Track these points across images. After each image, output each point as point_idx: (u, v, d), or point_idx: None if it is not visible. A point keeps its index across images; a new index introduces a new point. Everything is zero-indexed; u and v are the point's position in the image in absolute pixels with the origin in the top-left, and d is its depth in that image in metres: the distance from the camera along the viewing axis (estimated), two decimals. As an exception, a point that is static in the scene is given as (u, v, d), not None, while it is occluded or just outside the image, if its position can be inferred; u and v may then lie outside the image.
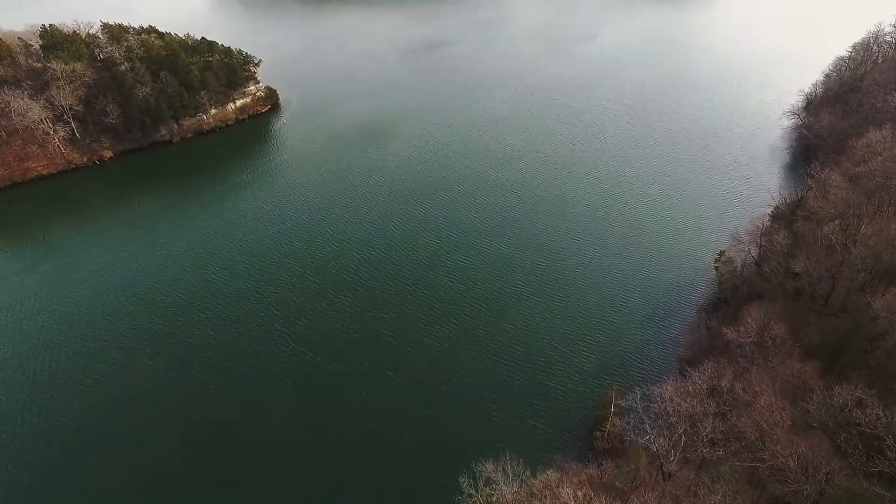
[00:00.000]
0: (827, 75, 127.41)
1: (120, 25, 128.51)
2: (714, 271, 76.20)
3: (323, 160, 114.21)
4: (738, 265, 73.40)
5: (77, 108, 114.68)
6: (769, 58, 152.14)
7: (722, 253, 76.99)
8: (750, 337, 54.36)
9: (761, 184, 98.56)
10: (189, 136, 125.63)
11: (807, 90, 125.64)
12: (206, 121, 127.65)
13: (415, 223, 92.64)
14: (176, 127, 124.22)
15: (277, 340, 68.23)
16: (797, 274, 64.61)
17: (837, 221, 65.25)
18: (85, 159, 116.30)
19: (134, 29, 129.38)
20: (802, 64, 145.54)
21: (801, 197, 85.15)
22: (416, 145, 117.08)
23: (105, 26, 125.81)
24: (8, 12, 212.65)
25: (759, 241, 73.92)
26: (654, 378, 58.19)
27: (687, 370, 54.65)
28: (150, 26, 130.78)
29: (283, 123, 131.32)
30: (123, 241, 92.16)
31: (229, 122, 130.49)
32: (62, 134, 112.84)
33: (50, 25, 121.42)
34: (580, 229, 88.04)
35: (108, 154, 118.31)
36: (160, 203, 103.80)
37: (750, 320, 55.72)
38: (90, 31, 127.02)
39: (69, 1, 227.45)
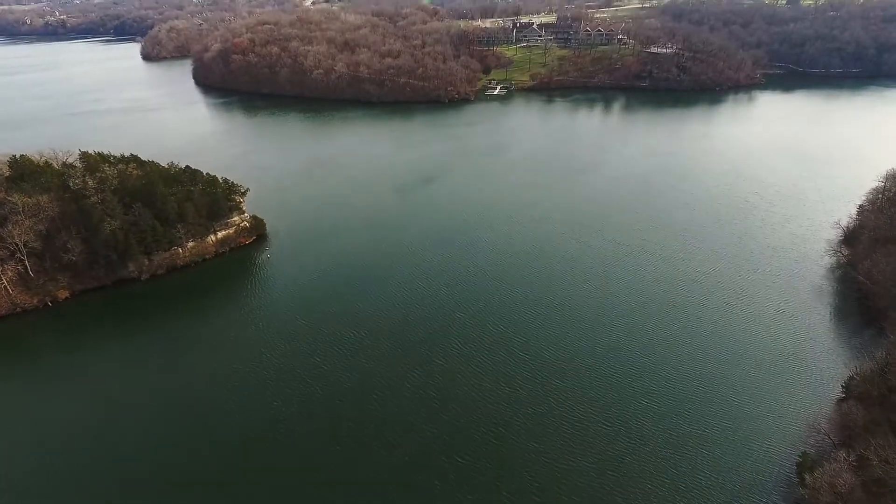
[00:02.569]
0: (861, 206, 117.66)
1: (100, 154, 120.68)
2: (800, 490, 57.82)
3: (307, 304, 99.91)
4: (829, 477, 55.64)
5: (34, 245, 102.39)
6: (790, 187, 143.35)
7: (805, 456, 59.46)
8: None
9: (820, 344, 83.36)
10: (160, 272, 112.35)
11: (842, 223, 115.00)
12: (181, 255, 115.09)
13: (408, 387, 76.02)
14: (146, 262, 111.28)
15: None
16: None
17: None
18: (36, 301, 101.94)
19: (114, 158, 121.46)
20: (827, 194, 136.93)
21: (885, 367, 69.27)
22: (410, 289, 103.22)
23: (83, 155, 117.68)
24: (6, 133, 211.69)
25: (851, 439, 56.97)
26: None
27: None
28: (131, 155, 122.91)
29: (268, 258, 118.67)
30: (54, 400, 74.93)
31: (207, 256, 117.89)
32: (10, 275, 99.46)
33: (21, 156, 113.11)
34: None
35: (63, 294, 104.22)
36: (104, 359, 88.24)
37: None
38: (67, 161, 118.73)
39: (74, 126, 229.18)
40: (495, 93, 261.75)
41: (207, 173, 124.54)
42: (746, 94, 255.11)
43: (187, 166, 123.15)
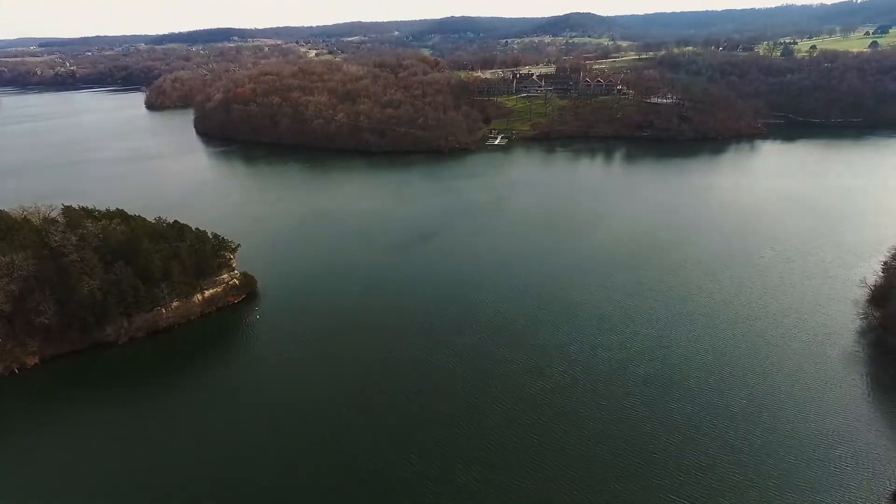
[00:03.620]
0: (886, 263, 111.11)
1: (84, 209, 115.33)
2: None
3: (297, 369, 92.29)
4: None
5: (3, 307, 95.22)
6: (805, 241, 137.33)
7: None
8: None
9: (864, 424, 74.88)
10: (140, 334, 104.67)
11: (868, 281, 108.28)
12: (164, 316, 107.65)
13: (405, 465, 67.08)
14: (126, 324, 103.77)
15: None
16: None
17: None
18: (1, 368, 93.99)
19: (99, 213, 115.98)
20: (846, 249, 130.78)
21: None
22: (407, 354, 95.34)
23: (66, 210, 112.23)
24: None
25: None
26: None
27: None
28: (117, 210, 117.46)
29: (257, 318, 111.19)
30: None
31: (193, 317, 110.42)
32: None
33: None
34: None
35: (32, 360, 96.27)
36: (73, 429, 79.85)
37: None
38: (49, 216, 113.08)
39: (69, 176, 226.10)
40: (496, 142, 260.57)
41: (197, 228, 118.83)
42: (748, 144, 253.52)
43: (175, 221, 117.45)
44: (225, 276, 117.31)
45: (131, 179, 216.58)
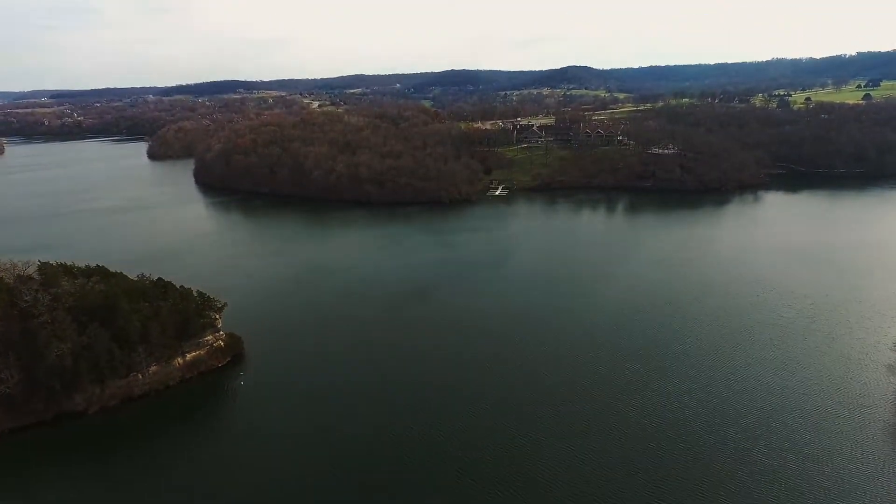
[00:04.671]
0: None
1: (62, 265, 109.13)
2: None
3: (283, 444, 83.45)
4: None
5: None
6: (825, 298, 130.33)
7: None
8: None
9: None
10: (112, 402, 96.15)
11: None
12: (140, 382, 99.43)
13: None
14: (98, 392, 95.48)
15: None
16: None
17: None
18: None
19: (78, 269, 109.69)
20: (870, 307, 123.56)
21: None
22: (402, 425, 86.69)
23: (42, 267, 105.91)
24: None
25: None
26: None
27: None
28: (97, 266, 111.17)
29: (241, 384, 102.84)
30: None
31: (171, 383, 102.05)
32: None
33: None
34: None
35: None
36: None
37: None
38: (24, 273, 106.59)
39: (61, 227, 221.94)
40: (497, 193, 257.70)
41: (182, 286, 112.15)
42: (752, 195, 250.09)
43: (159, 279, 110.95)
44: (209, 337, 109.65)
45: (124, 231, 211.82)
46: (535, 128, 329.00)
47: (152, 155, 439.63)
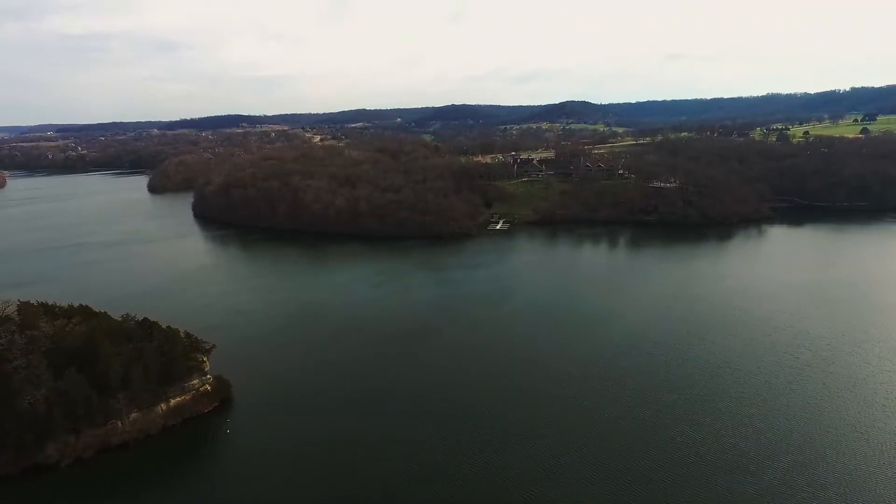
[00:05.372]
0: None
1: (43, 305, 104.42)
2: None
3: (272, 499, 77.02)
4: None
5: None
6: (841, 338, 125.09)
7: None
8: None
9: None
10: (87, 453, 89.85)
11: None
12: (119, 430, 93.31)
13: None
14: (72, 442, 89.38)
15: None
16: None
17: None
18: (-88, 501, 78.83)
19: (60, 309, 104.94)
20: (889, 347, 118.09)
21: None
22: (398, 480, 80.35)
23: (21, 307, 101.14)
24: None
25: None
26: None
27: None
28: (80, 306, 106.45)
29: (227, 432, 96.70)
30: None
31: (153, 432, 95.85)
32: None
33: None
34: None
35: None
36: None
37: None
38: (3, 313, 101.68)
39: (53, 262, 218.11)
40: (498, 227, 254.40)
41: (169, 326, 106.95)
42: (756, 229, 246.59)
43: (144, 319, 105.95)
44: (195, 381, 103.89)
45: (116, 266, 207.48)
46: (535, 161, 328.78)
47: (152, 188, 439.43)
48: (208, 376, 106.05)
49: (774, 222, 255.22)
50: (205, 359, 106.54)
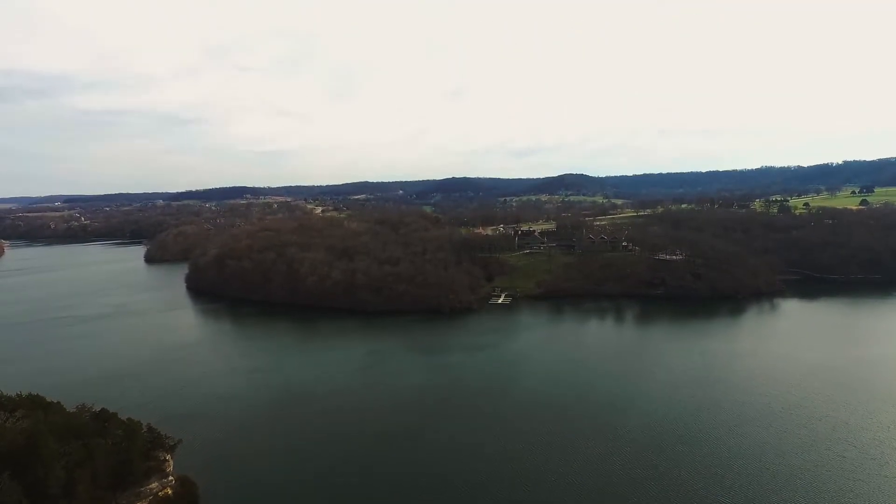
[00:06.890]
0: None
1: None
2: None
3: None
4: None
5: None
6: (875, 426, 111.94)
7: None
8: None
9: None
10: (14, 581, 75.12)
11: None
12: (55, 549, 78.94)
13: None
14: (-3, 565, 74.89)
15: None
16: None
17: None
18: None
19: (7, 399, 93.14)
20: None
21: None
22: None
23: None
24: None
25: None
26: None
27: None
28: (29, 395, 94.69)
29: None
30: None
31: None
32: None
33: None
34: None
35: None
36: None
37: None
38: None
39: (25, 337, 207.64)
40: (500, 301, 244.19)
41: (129, 418, 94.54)
42: (768, 303, 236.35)
43: (102, 409, 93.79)
44: (154, 484, 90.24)
45: (91, 342, 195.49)
46: (536, 233, 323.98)
47: (149, 258, 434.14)
48: (171, 478, 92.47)
49: (786, 295, 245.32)
50: (167, 457, 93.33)
